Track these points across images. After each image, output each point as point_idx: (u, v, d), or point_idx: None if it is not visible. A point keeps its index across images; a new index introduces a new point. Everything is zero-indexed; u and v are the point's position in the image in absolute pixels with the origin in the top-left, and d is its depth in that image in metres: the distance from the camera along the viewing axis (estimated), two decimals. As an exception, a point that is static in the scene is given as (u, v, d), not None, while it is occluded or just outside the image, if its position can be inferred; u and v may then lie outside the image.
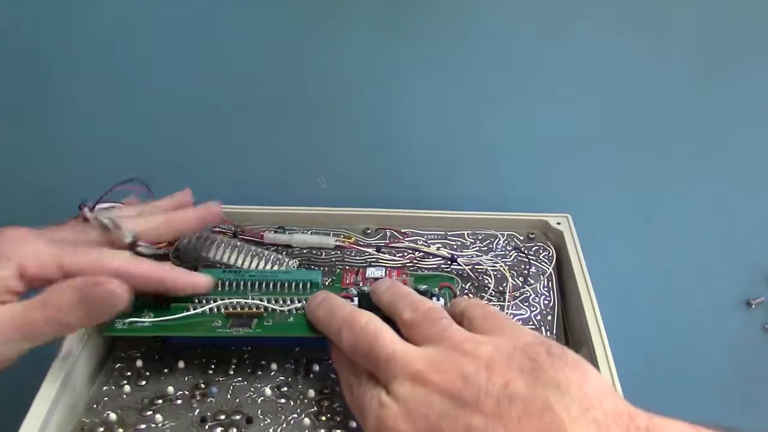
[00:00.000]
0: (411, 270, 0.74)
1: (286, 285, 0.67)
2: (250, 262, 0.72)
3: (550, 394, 0.46)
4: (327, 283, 0.70)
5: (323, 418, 0.56)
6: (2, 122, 0.88)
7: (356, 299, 0.63)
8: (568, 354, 0.50)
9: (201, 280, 0.63)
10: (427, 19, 0.81)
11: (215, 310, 0.63)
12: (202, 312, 0.62)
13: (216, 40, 0.83)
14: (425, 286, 0.64)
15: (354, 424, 0.56)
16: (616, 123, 0.86)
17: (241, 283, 0.67)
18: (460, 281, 0.74)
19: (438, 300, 0.64)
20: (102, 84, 0.85)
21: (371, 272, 0.72)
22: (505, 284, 0.73)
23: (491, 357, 0.50)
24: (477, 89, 0.84)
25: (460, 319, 0.57)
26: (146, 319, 0.60)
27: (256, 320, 0.62)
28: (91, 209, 0.66)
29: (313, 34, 0.82)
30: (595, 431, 0.43)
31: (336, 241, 0.75)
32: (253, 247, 0.73)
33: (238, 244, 0.73)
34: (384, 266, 0.74)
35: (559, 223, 0.80)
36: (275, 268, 0.71)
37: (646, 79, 0.83)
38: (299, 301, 0.64)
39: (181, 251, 0.71)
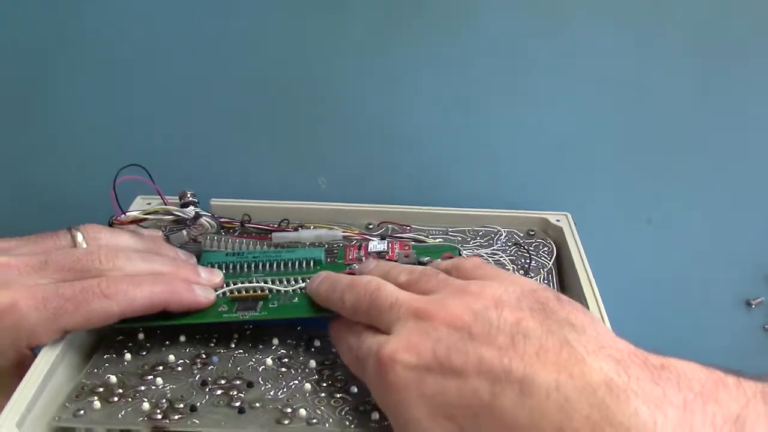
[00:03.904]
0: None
1: (290, 264, 0.68)
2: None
3: (567, 332, 0.45)
4: (329, 260, 0.70)
5: (324, 384, 0.56)
6: (2, 122, 0.89)
7: None
8: (573, 301, 0.50)
9: (203, 302, 0.62)
10: (428, 18, 0.81)
11: (221, 294, 0.63)
12: None
13: (216, 40, 0.83)
14: (428, 258, 0.64)
15: (355, 389, 0.55)
16: (616, 123, 0.86)
17: (245, 265, 0.68)
18: (462, 250, 0.74)
19: None
20: (102, 84, 0.86)
21: (373, 246, 0.72)
22: (506, 276, 0.73)
23: (499, 296, 0.49)
24: (477, 88, 0.85)
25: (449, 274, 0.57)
26: None
27: (261, 303, 0.63)
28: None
29: (313, 34, 0.83)
30: (614, 366, 0.42)
31: (343, 232, 0.75)
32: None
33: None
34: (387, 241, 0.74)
35: (558, 221, 0.81)
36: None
37: (646, 79, 0.84)
38: (303, 281, 0.64)
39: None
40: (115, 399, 0.54)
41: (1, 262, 0.58)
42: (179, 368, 0.58)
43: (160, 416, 0.52)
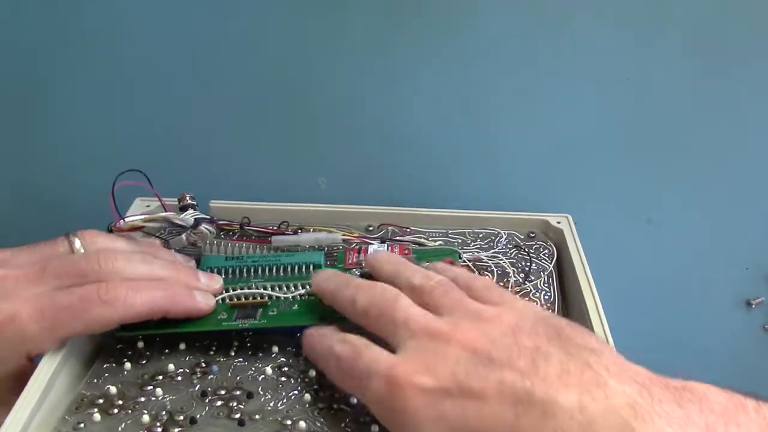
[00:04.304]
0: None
1: (289, 268, 0.68)
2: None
3: (587, 355, 0.46)
4: (329, 264, 0.70)
5: (324, 394, 0.56)
6: (2, 122, 0.89)
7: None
8: (584, 328, 0.50)
9: (203, 308, 0.62)
10: (428, 19, 0.81)
11: (220, 301, 0.63)
12: None
13: (216, 40, 0.83)
14: (427, 263, 0.64)
15: (355, 400, 0.55)
16: (616, 123, 0.86)
17: (244, 270, 0.68)
18: (462, 254, 0.74)
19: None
20: (102, 84, 0.86)
21: (373, 249, 0.72)
22: (506, 280, 0.73)
23: (515, 323, 0.50)
24: (477, 89, 0.85)
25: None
26: None
27: (260, 310, 0.62)
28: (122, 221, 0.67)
29: (313, 34, 0.82)
30: (637, 388, 0.43)
31: (342, 235, 0.75)
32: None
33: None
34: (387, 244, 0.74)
35: (559, 222, 0.81)
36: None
37: (646, 79, 0.84)
38: (303, 287, 0.64)
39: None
40: (115, 411, 0.54)
41: (2, 274, 0.58)
42: (179, 378, 0.58)
43: (160, 429, 0.52)
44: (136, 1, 0.81)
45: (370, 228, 0.80)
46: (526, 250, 0.78)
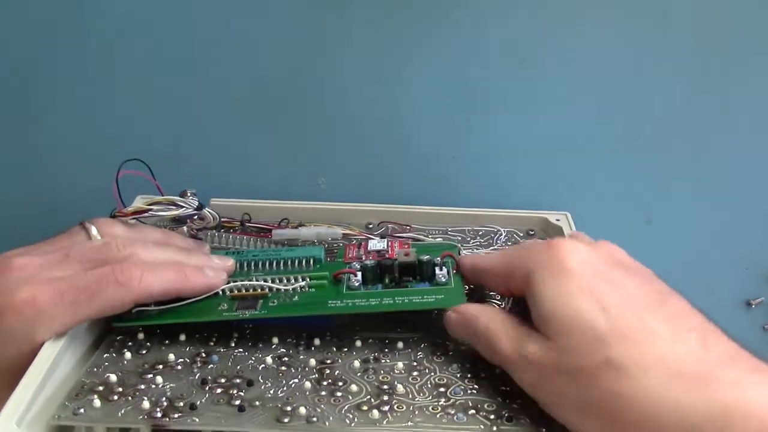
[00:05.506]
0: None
1: (290, 262, 0.68)
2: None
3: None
4: (329, 259, 0.70)
5: (324, 383, 0.56)
6: (2, 122, 0.89)
7: (359, 273, 0.64)
8: None
9: (214, 282, 0.63)
10: (428, 19, 0.81)
11: (220, 293, 0.63)
12: (208, 296, 0.63)
13: (216, 40, 0.83)
14: (428, 256, 0.64)
15: (355, 388, 0.55)
16: (616, 123, 0.86)
17: (245, 264, 0.68)
18: (461, 250, 0.73)
19: (441, 269, 0.64)
20: (103, 84, 0.86)
21: (373, 244, 0.72)
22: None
23: None
24: (477, 89, 0.85)
25: None
26: (153, 307, 0.61)
27: (261, 301, 0.63)
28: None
29: (313, 35, 0.83)
30: None
31: (342, 231, 0.75)
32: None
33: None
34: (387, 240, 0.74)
35: (558, 220, 0.81)
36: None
37: (646, 79, 0.84)
38: (303, 279, 0.64)
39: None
40: (115, 398, 0.53)
41: (23, 262, 0.59)
42: (179, 367, 0.58)
43: (160, 414, 0.52)
44: (137, 1, 0.81)
45: (370, 226, 0.80)
46: (526, 247, 0.78)
